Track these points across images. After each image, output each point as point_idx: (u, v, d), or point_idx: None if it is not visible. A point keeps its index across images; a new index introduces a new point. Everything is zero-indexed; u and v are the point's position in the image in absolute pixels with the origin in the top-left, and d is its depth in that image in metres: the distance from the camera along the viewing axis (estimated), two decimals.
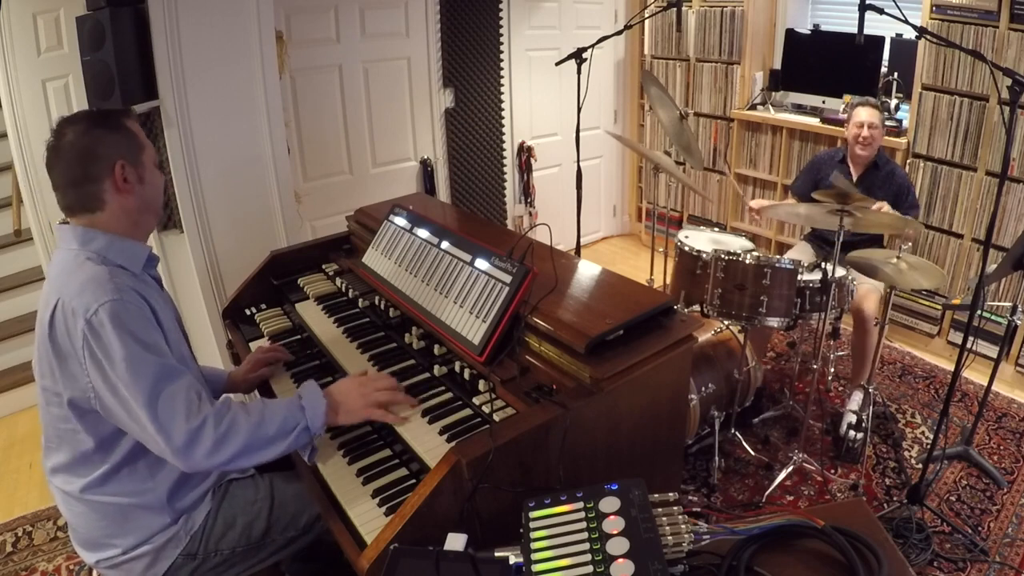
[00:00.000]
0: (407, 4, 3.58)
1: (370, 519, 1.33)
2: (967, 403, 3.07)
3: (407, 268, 1.89)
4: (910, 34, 2.79)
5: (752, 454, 2.70)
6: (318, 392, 1.44)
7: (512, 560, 1.03)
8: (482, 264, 1.67)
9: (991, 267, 2.26)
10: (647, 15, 4.27)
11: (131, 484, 1.38)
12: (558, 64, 2.96)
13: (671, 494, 1.08)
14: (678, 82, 4.51)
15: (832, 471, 2.61)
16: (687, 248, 2.64)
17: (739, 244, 2.80)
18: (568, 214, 3.25)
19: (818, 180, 3.06)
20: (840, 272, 2.38)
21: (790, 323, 2.46)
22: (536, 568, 0.97)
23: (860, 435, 2.64)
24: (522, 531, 1.05)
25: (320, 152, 3.48)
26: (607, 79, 4.76)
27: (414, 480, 1.43)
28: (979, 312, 2.18)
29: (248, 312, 2.17)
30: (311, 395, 1.43)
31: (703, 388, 2.56)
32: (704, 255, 2.56)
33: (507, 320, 1.55)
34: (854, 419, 2.70)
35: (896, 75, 3.48)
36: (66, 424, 1.34)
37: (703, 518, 1.35)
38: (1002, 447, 2.77)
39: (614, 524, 1.01)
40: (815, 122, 3.81)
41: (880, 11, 1.97)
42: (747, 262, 2.41)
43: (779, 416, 2.94)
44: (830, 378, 3.20)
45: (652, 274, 3.40)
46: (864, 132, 2.83)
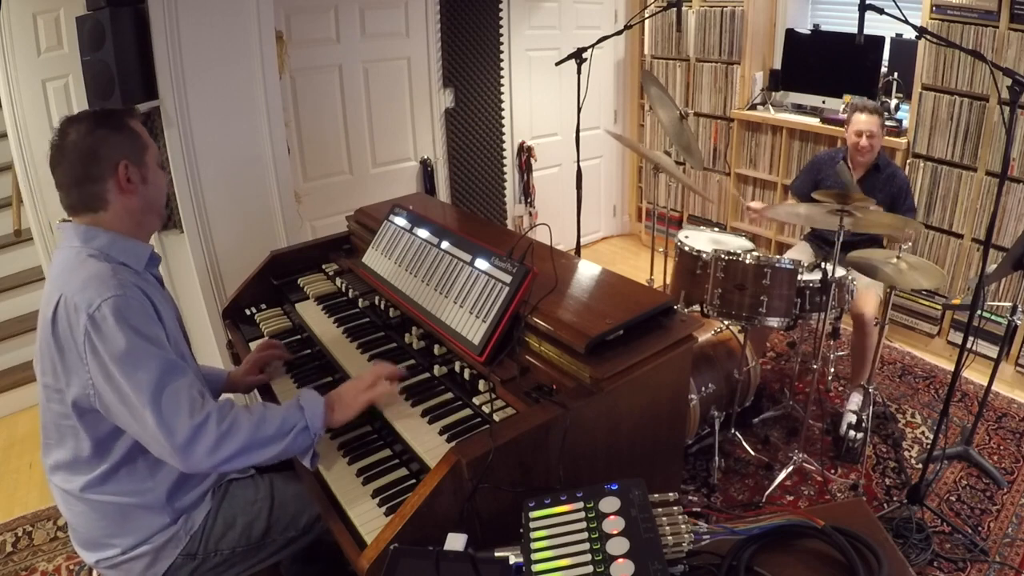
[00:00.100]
0: (407, 4, 3.58)
1: (370, 519, 1.33)
2: (967, 403, 3.07)
3: (407, 268, 1.89)
4: (910, 34, 2.79)
5: (752, 454, 2.70)
6: (316, 394, 1.46)
7: (512, 560, 1.03)
8: (482, 264, 1.67)
9: (991, 267, 2.26)
10: (647, 15, 4.27)
11: (131, 484, 1.38)
12: (558, 64, 2.96)
13: (671, 494, 1.08)
14: (678, 82, 4.51)
15: (832, 471, 2.61)
16: (687, 248, 2.64)
17: (739, 244, 2.80)
18: (568, 214, 3.25)
19: (818, 180, 3.05)
20: (840, 272, 2.38)
21: (790, 323, 2.46)
22: (536, 568, 0.97)
23: (860, 435, 2.64)
24: (522, 531, 1.05)
25: (320, 152, 3.48)
26: (607, 79, 4.76)
27: (414, 480, 1.43)
28: (979, 312, 2.18)
29: (248, 312, 2.17)
30: (309, 397, 1.44)
31: (703, 388, 2.56)
32: (704, 255, 2.56)
33: (507, 320, 1.55)
34: (854, 419, 2.70)
35: (896, 75, 3.48)
36: (66, 421, 1.34)
37: (703, 518, 1.35)
38: (1002, 447, 2.77)
39: (614, 524, 1.01)
40: (815, 122, 3.81)
41: (880, 11, 1.97)
42: (747, 262, 2.41)
43: (779, 416, 2.94)
44: (830, 378, 3.20)
45: (652, 274, 3.40)
46: (863, 141, 2.83)
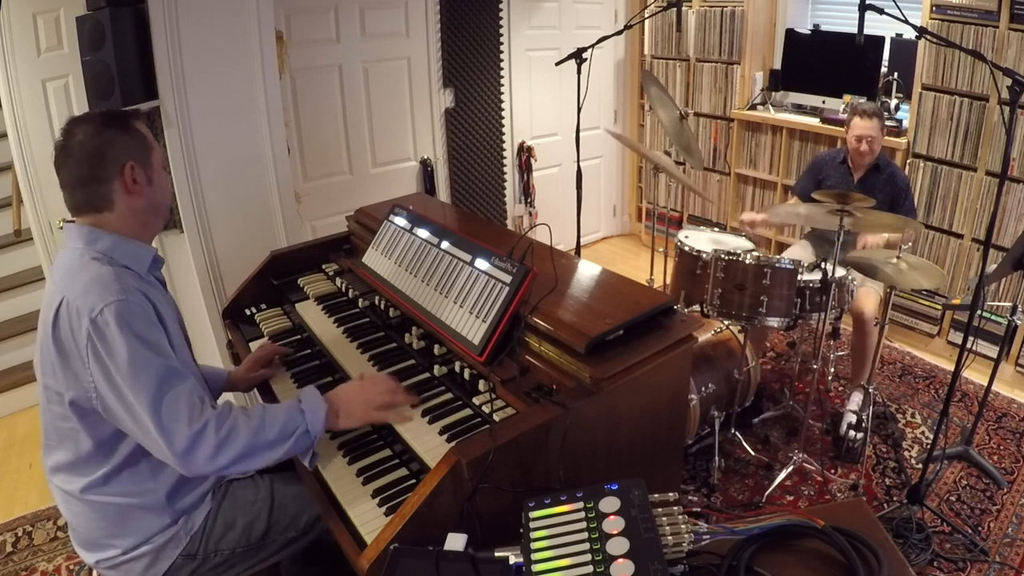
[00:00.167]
0: (407, 4, 3.58)
1: (370, 519, 1.33)
2: (967, 403, 3.07)
3: (407, 268, 1.89)
4: (910, 34, 2.79)
5: (752, 454, 2.70)
6: (318, 396, 1.44)
7: (512, 560, 1.03)
8: (482, 264, 1.67)
9: (991, 267, 2.26)
10: (647, 15, 4.27)
11: (132, 484, 1.38)
12: (558, 64, 2.96)
13: (671, 494, 1.08)
14: (678, 82, 4.51)
15: (832, 471, 2.61)
16: (687, 248, 2.64)
17: (739, 244, 2.80)
18: (568, 214, 3.25)
19: (820, 180, 3.06)
20: (840, 272, 2.38)
21: (790, 323, 2.46)
22: (536, 568, 0.97)
23: (860, 435, 2.64)
24: (522, 531, 1.05)
25: (320, 152, 3.48)
26: (607, 79, 4.76)
27: (414, 480, 1.43)
28: (979, 312, 2.18)
29: (248, 312, 2.17)
30: (311, 399, 1.43)
31: (703, 388, 2.56)
32: (704, 255, 2.56)
33: (507, 320, 1.55)
34: (854, 419, 2.70)
35: (896, 75, 3.48)
36: (66, 423, 1.33)
37: (703, 518, 1.35)
38: (1002, 447, 2.77)
39: (614, 524, 1.01)
40: (815, 122, 3.81)
41: (880, 11, 1.97)
42: (747, 262, 2.41)
43: (779, 416, 2.94)
44: (830, 378, 3.20)
45: (652, 274, 3.40)
46: (862, 147, 2.83)
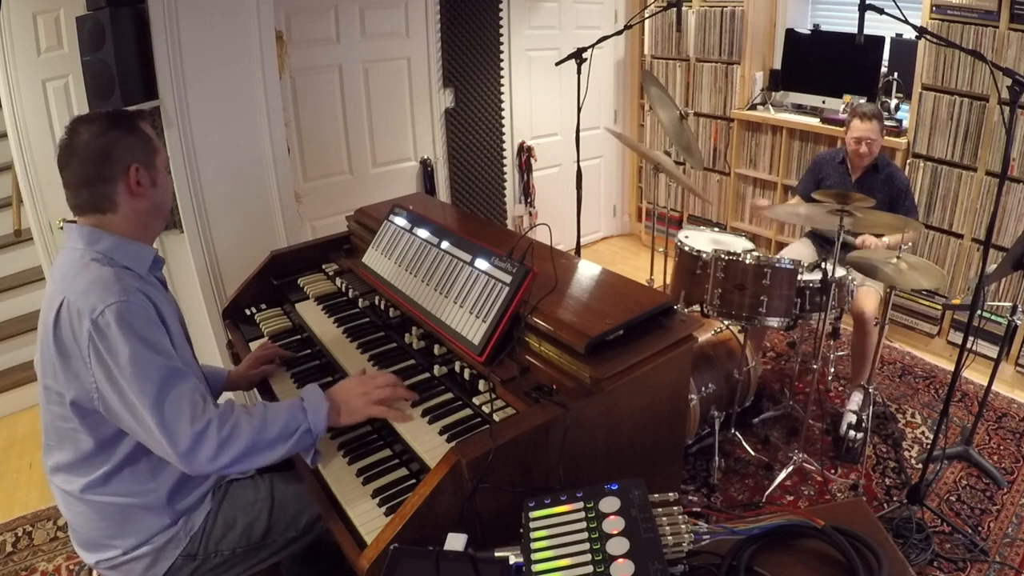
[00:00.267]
0: (407, 4, 3.58)
1: (370, 519, 1.33)
2: (967, 403, 3.07)
3: (407, 268, 1.89)
4: (910, 34, 2.79)
5: (752, 454, 2.70)
6: (320, 394, 1.44)
7: (512, 560, 1.03)
8: (482, 264, 1.67)
9: (991, 267, 2.26)
10: (647, 15, 4.27)
11: (132, 484, 1.38)
12: (558, 64, 2.96)
13: (671, 494, 1.08)
14: (678, 82, 4.51)
15: (832, 471, 2.61)
16: (687, 248, 2.64)
17: (739, 244, 2.80)
18: (568, 214, 3.25)
19: (819, 180, 3.06)
20: (840, 272, 2.38)
21: (790, 323, 2.46)
22: (536, 568, 0.97)
23: (860, 435, 2.64)
24: (522, 531, 1.05)
25: (320, 152, 3.48)
26: (607, 79, 4.76)
27: (414, 480, 1.43)
28: (979, 312, 2.18)
29: (248, 312, 2.17)
30: (313, 397, 1.43)
31: (703, 388, 2.56)
32: (704, 255, 2.56)
33: (507, 320, 1.55)
34: (854, 419, 2.70)
35: (896, 75, 3.48)
36: (67, 423, 1.33)
37: (703, 518, 1.35)
38: (1002, 447, 2.77)
39: (614, 524, 1.01)
40: (815, 122, 3.81)
41: (880, 11, 1.97)
42: (747, 262, 2.41)
43: (779, 416, 2.94)
44: (830, 378, 3.20)
45: (652, 274, 3.40)
46: (862, 148, 2.83)
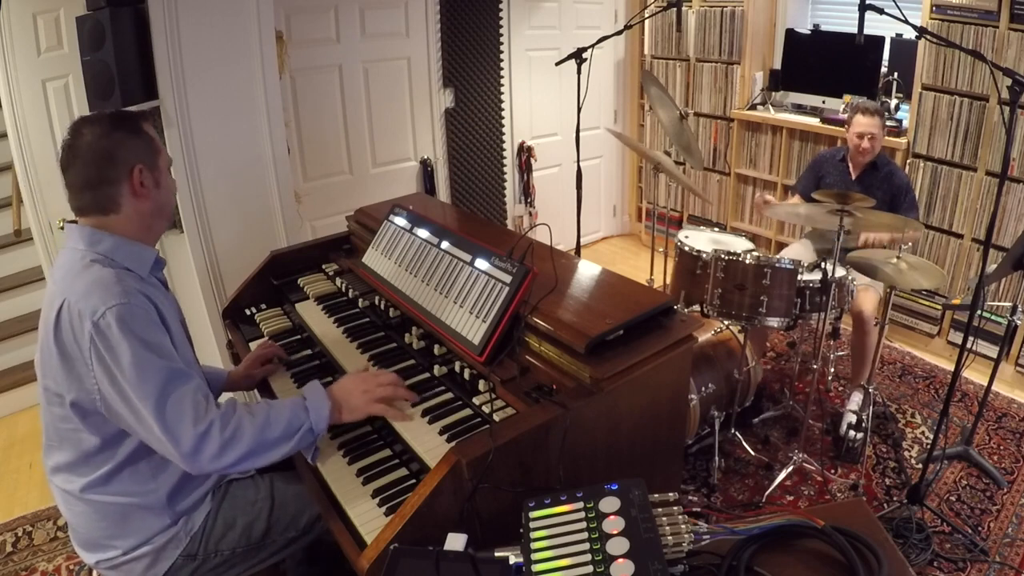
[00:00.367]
0: (407, 4, 3.58)
1: (370, 519, 1.33)
2: (967, 403, 3.07)
3: (407, 268, 1.89)
4: (910, 34, 2.79)
5: (752, 454, 2.70)
6: (322, 392, 1.44)
7: (512, 560, 1.03)
8: (482, 264, 1.67)
9: (991, 267, 2.26)
10: (647, 15, 4.27)
11: (133, 485, 1.38)
12: (558, 64, 2.96)
13: (671, 494, 1.08)
14: (678, 82, 4.51)
15: (832, 471, 2.61)
16: (687, 248, 2.64)
17: (739, 244, 2.80)
18: (568, 214, 3.25)
19: (820, 178, 3.06)
20: (840, 272, 2.38)
21: (790, 323, 2.46)
22: (536, 568, 0.97)
23: (860, 435, 2.64)
24: (522, 531, 1.05)
25: (320, 152, 3.48)
26: (607, 79, 4.76)
27: (414, 480, 1.43)
28: (979, 312, 2.18)
29: (248, 312, 2.17)
30: (315, 396, 1.43)
31: (703, 388, 2.56)
32: (704, 255, 2.56)
33: (507, 320, 1.55)
34: (854, 419, 2.70)
35: (896, 75, 3.48)
36: (67, 424, 1.33)
37: (703, 518, 1.35)
38: (1002, 447, 2.77)
39: (614, 524, 1.01)
40: (815, 122, 3.81)
41: (880, 11, 1.97)
42: (747, 262, 2.41)
43: (779, 416, 2.94)
44: (830, 378, 3.20)
45: (652, 274, 3.40)
46: (864, 144, 2.84)
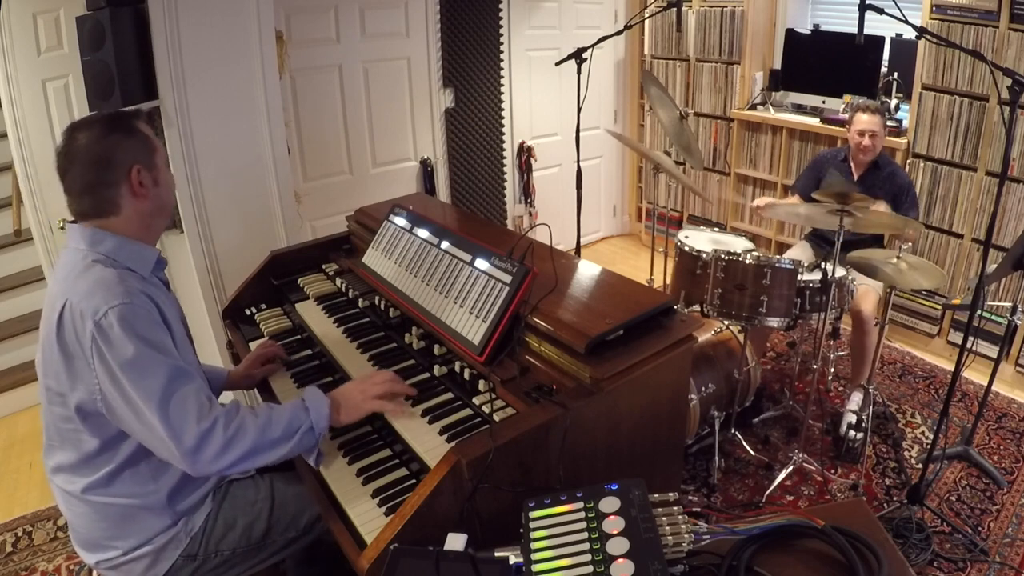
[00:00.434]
0: (407, 4, 3.58)
1: (370, 519, 1.33)
2: (967, 403, 3.07)
3: (407, 268, 1.89)
4: (910, 34, 2.79)
5: (752, 454, 2.70)
6: (320, 394, 1.45)
7: (512, 560, 1.03)
8: (482, 264, 1.67)
9: (991, 267, 2.26)
10: (647, 15, 4.27)
11: (133, 485, 1.38)
12: (558, 64, 2.96)
13: (671, 494, 1.08)
14: (678, 82, 4.51)
15: (832, 471, 2.61)
16: (687, 248, 2.64)
17: (739, 244, 2.80)
18: (568, 214, 3.25)
19: (820, 178, 3.06)
20: (840, 272, 2.38)
21: (790, 323, 2.46)
22: (536, 568, 0.97)
23: (860, 435, 2.64)
24: (522, 531, 1.05)
25: (320, 152, 3.48)
26: (607, 79, 4.76)
27: (414, 480, 1.43)
28: (979, 312, 2.18)
29: (248, 312, 2.17)
30: (314, 397, 1.43)
31: (703, 388, 2.56)
32: (704, 255, 2.56)
33: (507, 320, 1.55)
34: (854, 419, 2.70)
35: (896, 75, 3.48)
36: (68, 424, 1.33)
37: (703, 518, 1.35)
38: (1002, 447, 2.77)
39: (614, 524, 1.01)
40: (815, 122, 3.81)
41: (880, 11, 1.97)
42: (747, 262, 2.41)
43: (779, 416, 2.94)
44: (830, 378, 3.20)
45: (652, 274, 3.40)
46: (865, 141, 2.84)
